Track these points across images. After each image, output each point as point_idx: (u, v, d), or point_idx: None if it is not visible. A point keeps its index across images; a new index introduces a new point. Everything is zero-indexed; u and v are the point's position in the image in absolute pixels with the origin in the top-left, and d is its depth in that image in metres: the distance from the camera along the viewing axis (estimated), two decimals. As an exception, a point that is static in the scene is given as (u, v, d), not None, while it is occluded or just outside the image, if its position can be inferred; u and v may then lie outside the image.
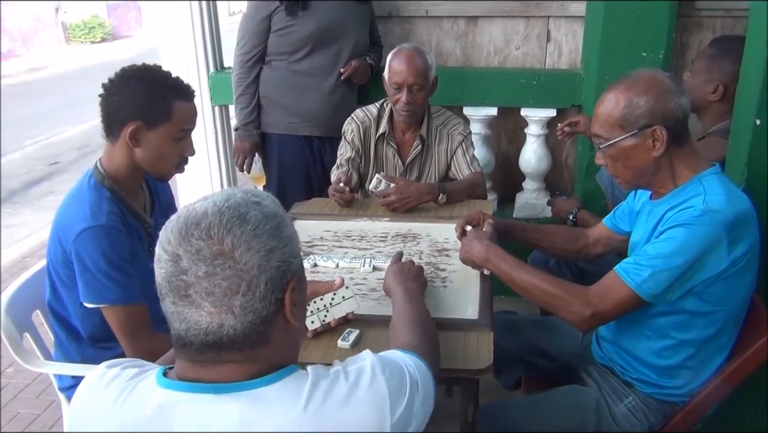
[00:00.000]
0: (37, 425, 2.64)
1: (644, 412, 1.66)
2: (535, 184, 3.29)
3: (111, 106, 1.63)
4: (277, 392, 0.87)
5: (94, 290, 1.59)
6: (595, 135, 1.59)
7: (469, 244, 1.78)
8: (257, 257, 0.87)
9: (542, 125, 3.14)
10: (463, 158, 2.49)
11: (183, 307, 0.87)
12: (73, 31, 17.65)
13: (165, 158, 1.69)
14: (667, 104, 1.49)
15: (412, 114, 2.42)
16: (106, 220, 1.60)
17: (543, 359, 1.93)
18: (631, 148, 1.53)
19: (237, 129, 2.94)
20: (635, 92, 1.50)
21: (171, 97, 1.64)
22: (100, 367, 0.98)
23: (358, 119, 2.54)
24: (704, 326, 1.56)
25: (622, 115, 1.51)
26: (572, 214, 2.50)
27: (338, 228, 2.18)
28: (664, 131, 1.49)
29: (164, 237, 0.89)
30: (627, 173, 1.58)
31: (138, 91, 1.61)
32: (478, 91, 3.11)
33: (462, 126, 2.54)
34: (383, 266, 1.86)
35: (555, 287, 1.58)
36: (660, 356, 1.62)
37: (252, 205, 0.90)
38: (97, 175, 1.68)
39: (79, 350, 1.75)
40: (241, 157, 2.95)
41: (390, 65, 2.40)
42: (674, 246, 1.45)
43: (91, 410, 0.94)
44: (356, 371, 0.94)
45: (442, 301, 1.71)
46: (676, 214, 1.49)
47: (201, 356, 0.88)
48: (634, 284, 1.48)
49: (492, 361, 1.45)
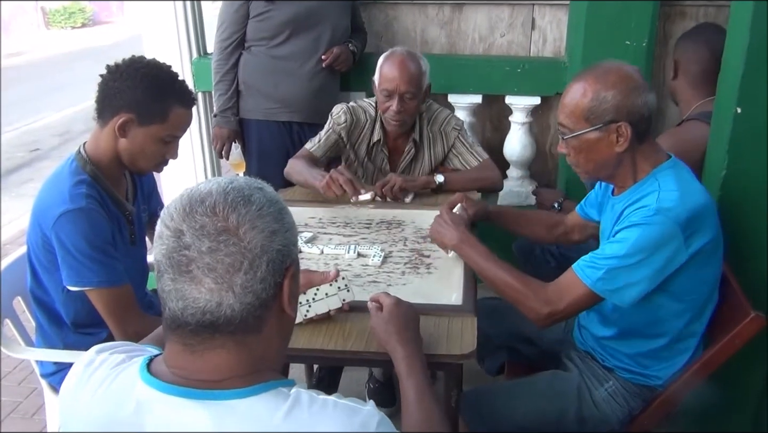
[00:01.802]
0: (19, 412, 2.63)
1: (624, 396, 1.68)
2: (519, 172, 3.30)
3: (110, 91, 1.61)
4: (250, 407, 0.85)
5: (77, 273, 1.58)
6: (560, 125, 1.58)
7: (443, 225, 1.80)
8: (261, 237, 0.87)
9: (526, 113, 3.15)
10: (465, 149, 2.43)
11: (183, 283, 0.85)
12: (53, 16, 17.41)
13: (147, 156, 1.68)
14: (634, 100, 1.49)
15: (402, 123, 2.33)
16: (85, 203, 1.58)
17: (526, 345, 1.95)
18: (595, 141, 1.53)
19: (216, 115, 2.93)
20: (603, 85, 1.50)
21: (172, 100, 1.63)
22: (90, 352, 0.98)
23: (354, 115, 2.41)
24: (675, 317, 1.59)
25: (589, 107, 1.51)
26: (557, 204, 2.52)
27: (323, 215, 2.18)
28: (629, 128, 1.49)
29: (166, 214, 0.88)
30: (588, 165, 1.59)
31: (142, 85, 1.60)
32: (462, 78, 3.11)
33: (453, 119, 2.47)
34: (368, 252, 1.87)
35: (518, 282, 1.60)
36: (636, 348, 1.65)
37: (255, 189, 0.91)
38: (80, 160, 1.66)
39: (61, 335, 1.74)
40: (220, 144, 2.94)
41: (381, 70, 2.30)
42: (628, 247, 1.47)
43: (79, 396, 0.94)
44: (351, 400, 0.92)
45: (425, 287, 1.72)
46: (631, 214, 1.51)
47: (194, 339, 0.87)
48: (590, 282, 1.50)
49: (475, 347, 1.46)
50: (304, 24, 2.77)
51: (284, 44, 2.79)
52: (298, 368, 2.58)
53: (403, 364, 1.26)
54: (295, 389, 0.89)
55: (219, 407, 0.85)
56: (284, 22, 2.75)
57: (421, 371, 1.26)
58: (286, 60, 2.80)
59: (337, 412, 0.87)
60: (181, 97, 1.66)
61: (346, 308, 1.53)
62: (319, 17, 2.78)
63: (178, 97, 1.65)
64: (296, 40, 2.78)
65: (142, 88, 1.60)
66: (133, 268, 1.80)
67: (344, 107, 2.43)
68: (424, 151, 2.47)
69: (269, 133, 2.90)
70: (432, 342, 1.46)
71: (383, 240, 1.99)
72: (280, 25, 2.75)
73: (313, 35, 2.79)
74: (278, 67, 2.81)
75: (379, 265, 1.81)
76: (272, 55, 2.80)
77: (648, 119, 1.52)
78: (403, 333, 1.33)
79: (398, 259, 1.87)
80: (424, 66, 2.31)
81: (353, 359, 1.62)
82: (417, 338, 1.36)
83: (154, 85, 1.61)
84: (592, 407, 1.68)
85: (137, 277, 1.86)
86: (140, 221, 1.85)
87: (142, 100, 1.60)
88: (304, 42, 2.79)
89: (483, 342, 1.58)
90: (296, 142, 2.91)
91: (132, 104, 1.60)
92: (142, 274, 1.91)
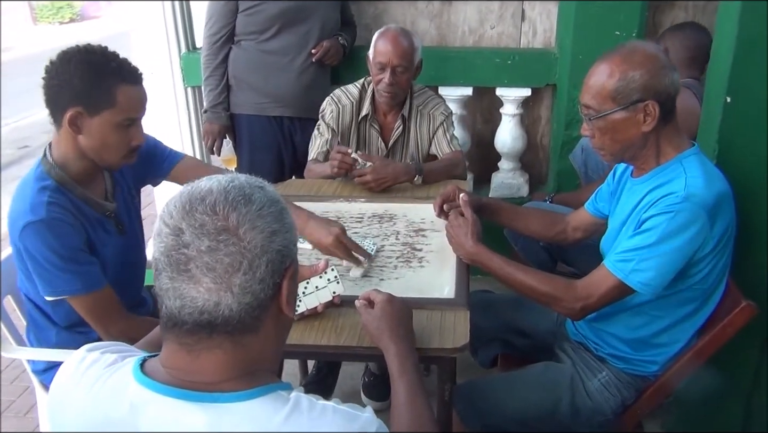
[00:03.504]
0: (12, 411, 2.62)
1: (617, 386, 1.69)
2: (510, 164, 3.30)
3: (52, 90, 1.53)
4: (248, 411, 0.85)
5: (51, 283, 1.55)
6: (585, 106, 1.56)
7: (457, 238, 1.75)
8: (261, 237, 0.86)
9: (517, 105, 3.15)
10: (444, 137, 2.49)
11: (181, 282, 0.84)
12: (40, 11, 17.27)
13: (110, 147, 1.59)
14: (661, 79, 1.48)
15: (394, 96, 2.40)
16: (46, 213, 1.52)
17: (519, 337, 1.96)
18: (621, 121, 1.52)
19: (206, 111, 2.91)
20: (630, 65, 1.49)
21: (114, 80, 1.52)
22: (81, 350, 0.98)
23: (338, 101, 2.50)
24: (680, 303, 1.59)
25: (616, 87, 1.49)
26: (548, 197, 2.54)
27: (314, 209, 2.15)
28: (657, 107, 1.48)
29: (166, 211, 0.87)
30: (614, 146, 1.57)
31: (77, 74, 1.49)
32: (453, 71, 3.10)
33: (443, 106, 2.54)
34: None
35: (544, 285, 1.60)
36: (633, 330, 1.65)
37: (256, 188, 0.90)
38: (45, 164, 1.60)
39: (54, 332, 1.72)
40: (211, 140, 2.92)
41: (375, 45, 2.38)
42: (658, 235, 1.46)
43: (70, 395, 0.93)
44: (349, 406, 0.92)
45: (418, 281, 1.72)
46: (658, 201, 1.50)
47: (191, 338, 0.86)
48: (622, 275, 1.50)
49: (469, 339, 1.47)
50: (293, 18, 2.75)
51: (274, 38, 2.77)
52: (292, 364, 2.58)
53: (395, 362, 1.26)
54: (295, 394, 0.89)
55: (216, 410, 0.84)
56: (274, 16, 2.73)
57: (413, 369, 1.25)
58: (276, 54, 2.79)
59: (337, 417, 0.87)
60: (122, 75, 1.54)
61: (337, 301, 1.52)
62: (308, 11, 2.77)
63: (120, 75, 1.53)
64: (286, 34, 2.77)
65: (79, 76, 1.49)
66: (128, 255, 1.76)
67: (328, 99, 2.52)
68: (411, 129, 2.52)
69: (260, 127, 2.89)
70: (425, 336, 1.46)
71: (375, 234, 1.98)
72: (269, 19, 2.73)
73: (302, 29, 2.78)
74: (268, 61, 2.79)
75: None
76: (262, 49, 2.79)
77: (674, 99, 1.52)
78: (396, 330, 1.31)
79: (390, 253, 1.87)
80: (417, 43, 2.40)
81: (346, 354, 1.62)
82: (409, 334, 1.34)
83: (89, 70, 1.50)
84: (586, 397, 1.69)
85: (133, 264, 1.83)
86: (128, 210, 1.79)
87: (83, 89, 1.50)
88: (293, 36, 2.78)
89: (476, 335, 1.58)
90: (287, 137, 2.90)
91: (75, 96, 1.51)
92: (138, 261, 1.86)
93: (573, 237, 1.97)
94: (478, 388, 1.75)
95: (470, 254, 1.71)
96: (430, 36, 3.28)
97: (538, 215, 2.05)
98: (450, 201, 1.93)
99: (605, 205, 1.84)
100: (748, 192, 1.80)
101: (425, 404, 1.18)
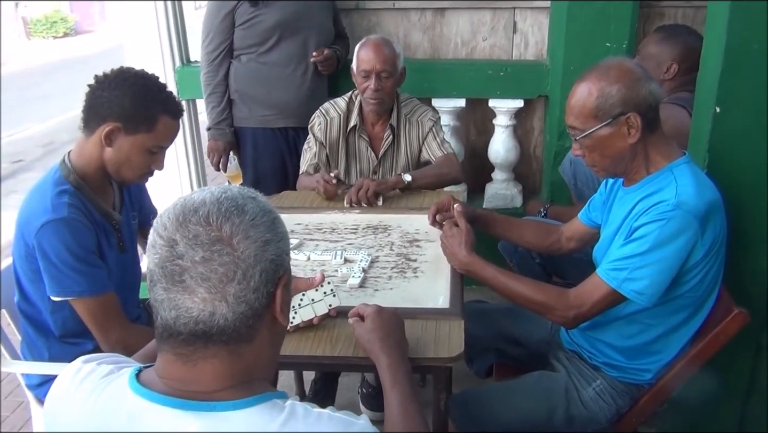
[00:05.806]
0: (6, 426, 2.60)
1: (612, 395, 1.69)
2: (504, 175, 3.32)
3: (97, 100, 1.61)
4: (244, 419, 0.85)
5: (60, 283, 1.58)
6: (570, 127, 1.60)
7: (451, 248, 1.75)
8: (254, 247, 0.86)
9: (510, 116, 3.17)
10: (434, 141, 2.50)
11: (175, 293, 0.85)
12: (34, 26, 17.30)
13: (132, 166, 1.68)
14: (639, 91, 1.51)
15: (380, 102, 2.43)
16: (67, 213, 1.58)
17: (513, 347, 1.96)
18: (607, 137, 1.54)
19: (209, 129, 2.91)
20: (607, 81, 1.52)
21: (159, 109, 1.63)
22: (77, 362, 0.98)
23: (326, 114, 2.52)
24: (673, 311, 1.60)
25: (596, 105, 1.52)
26: (543, 209, 2.55)
27: (309, 221, 2.18)
28: (639, 118, 1.51)
29: (159, 223, 0.88)
30: (604, 162, 1.60)
31: (130, 93, 1.60)
32: (446, 82, 3.13)
33: (430, 112, 2.57)
34: (354, 258, 1.87)
35: (537, 294, 1.61)
36: (627, 339, 1.66)
37: (248, 198, 0.91)
38: (63, 169, 1.66)
39: (47, 345, 1.73)
40: (216, 157, 2.93)
41: (358, 54, 2.42)
42: (650, 243, 1.48)
43: (66, 406, 0.93)
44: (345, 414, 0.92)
45: (413, 291, 1.73)
46: (648, 210, 1.51)
47: (186, 348, 0.87)
48: (615, 283, 1.52)
49: (463, 349, 1.47)
50: (291, 27, 2.78)
51: (273, 50, 2.79)
52: (287, 376, 2.57)
53: (387, 373, 1.25)
54: (290, 402, 0.89)
55: (213, 419, 0.85)
56: (271, 27, 2.75)
57: (405, 379, 1.24)
58: (277, 65, 2.81)
59: (333, 424, 0.88)
60: (168, 107, 1.66)
61: (333, 313, 1.53)
62: (305, 20, 2.79)
63: (166, 107, 1.65)
64: (285, 44, 2.79)
65: (130, 96, 1.60)
66: (125, 275, 1.80)
67: (317, 112, 2.55)
68: (400, 137, 2.53)
69: (265, 139, 2.90)
70: (420, 346, 1.46)
71: (370, 245, 1.99)
72: (267, 30, 2.76)
73: (300, 39, 2.80)
74: (270, 73, 2.81)
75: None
76: (262, 61, 2.81)
77: (655, 108, 1.54)
78: (386, 340, 1.31)
79: (385, 263, 1.88)
80: (398, 50, 2.45)
81: (342, 364, 1.62)
82: (401, 345, 1.34)
83: (141, 94, 1.61)
84: (580, 406, 1.69)
85: (129, 284, 1.86)
86: (129, 229, 1.84)
87: (129, 109, 1.60)
88: (292, 46, 2.80)
89: (471, 345, 1.59)
90: (292, 148, 2.92)
91: (119, 113, 1.60)
92: (134, 281, 1.90)
93: (567, 247, 1.98)
94: (474, 397, 1.76)
95: (464, 264, 1.72)
96: (422, 48, 3.31)
97: (533, 226, 2.07)
98: (444, 211, 1.95)
99: (598, 214, 1.85)
100: (739, 200, 1.82)
101: (418, 414, 1.17)
